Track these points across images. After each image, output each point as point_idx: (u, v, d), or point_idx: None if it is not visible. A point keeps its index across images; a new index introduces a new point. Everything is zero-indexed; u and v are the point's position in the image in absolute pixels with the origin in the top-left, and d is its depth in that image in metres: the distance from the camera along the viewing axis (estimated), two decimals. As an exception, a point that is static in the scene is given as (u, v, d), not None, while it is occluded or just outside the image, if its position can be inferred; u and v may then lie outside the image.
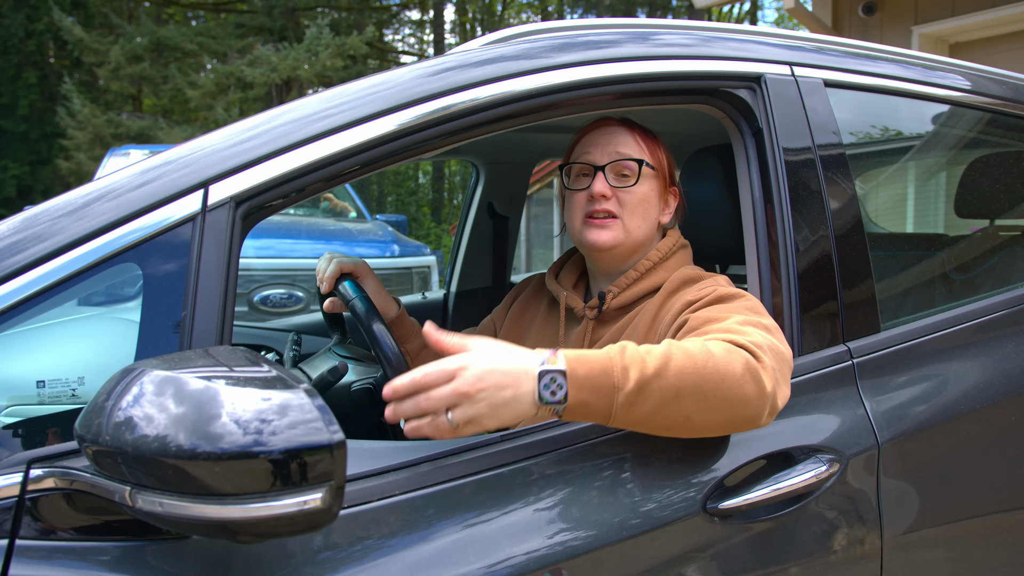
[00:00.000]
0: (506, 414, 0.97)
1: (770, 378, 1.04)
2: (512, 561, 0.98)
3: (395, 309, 1.53)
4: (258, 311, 4.71)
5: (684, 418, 1.02)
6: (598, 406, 0.99)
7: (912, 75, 1.56)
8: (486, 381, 0.95)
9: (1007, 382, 1.44)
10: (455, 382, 0.95)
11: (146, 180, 1.01)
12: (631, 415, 1.00)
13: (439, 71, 1.17)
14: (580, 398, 0.98)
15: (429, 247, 6.90)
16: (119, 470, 0.79)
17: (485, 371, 0.96)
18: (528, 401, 0.97)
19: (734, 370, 1.02)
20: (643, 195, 1.39)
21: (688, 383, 1.00)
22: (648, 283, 1.38)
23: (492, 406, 0.96)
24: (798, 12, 5.62)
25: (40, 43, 17.60)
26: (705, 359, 1.02)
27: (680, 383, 1.00)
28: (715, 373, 1.01)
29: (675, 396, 1.00)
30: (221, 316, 0.98)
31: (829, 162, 1.37)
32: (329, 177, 1.09)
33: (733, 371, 1.02)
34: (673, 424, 1.03)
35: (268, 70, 12.23)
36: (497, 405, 0.96)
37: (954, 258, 1.86)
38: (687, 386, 1.00)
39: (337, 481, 0.77)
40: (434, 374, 0.95)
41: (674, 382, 1.00)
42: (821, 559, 1.20)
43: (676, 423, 1.03)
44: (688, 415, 1.01)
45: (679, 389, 1.00)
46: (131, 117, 14.22)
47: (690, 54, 1.33)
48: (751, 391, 1.02)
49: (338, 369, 1.35)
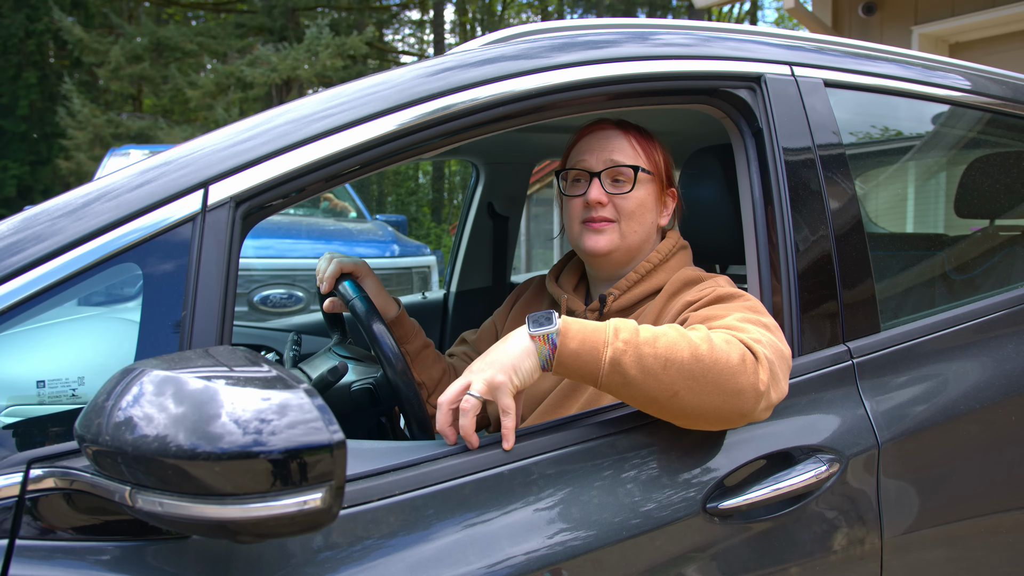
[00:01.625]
0: (509, 358, 1.07)
1: (766, 373, 1.05)
2: (512, 561, 0.98)
3: (395, 309, 1.53)
4: (258, 311, 4.71)
5: (672, 393, 1.04)
6: (586, 359, 1.05)
7: (912, 75, 1.56)
8: (484, 359, 1.09)
9: (1007, 382, 1.44)
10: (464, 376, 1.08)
11: (146, 180, 1.01)
12: (617, 374, 1.04)
13: (439, 71, 1.17)
14: (570, 348, 1.05)
15: (429, 247, 6.90)
16: (119, 470, 0.79)
17: (482, 357, 1.09)
18: (522, 337, 1.08)
19: (729, 359, 1.03)
20: (640, 200, 1.38)
21: (678, 357, 1.03)
22: (648, 285, 1.38)
23: (493, 362, 1.07)
24: (798, 12, 5.62)
25: (40, 43, 17.59)
26: (700, 342, 1.04)
27: (670, 355, 1.03)
28: (709, 356, 1.03)
29: (663, 367, 1.02)
30: (221, 316, 0.98)
31: (829, 162, 1.37)
32: (329, 177, 1.09)
33: (728, 359, 1.03)
34: (660, 396, 1.04)
35: (268, 70, 12.23)
36: (498, 358, 1.07)
37: (954, 258, 1.86)
38: (676, 359, 1.03)
39: (337, 481, 0.77)
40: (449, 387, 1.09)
41: (664, 352, 1.03)
42: (821, 559, 1.20)
43: (664, 396, 1.04)
44: (676, 391, 1.03)
45: (668, 360, 1.03)
46: (131, 117, 14.22)
47: (690, 54, 1.33)
48: (745, 383, 1.03)
49: (338, 369, 1.34)
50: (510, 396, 1.06)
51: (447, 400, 1.07)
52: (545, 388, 1.39)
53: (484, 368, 1.07)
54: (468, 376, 1.08)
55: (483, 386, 1.05)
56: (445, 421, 1.07)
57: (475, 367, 1.09)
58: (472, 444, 1.05)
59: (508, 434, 1.06)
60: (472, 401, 1.05)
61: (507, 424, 1.06)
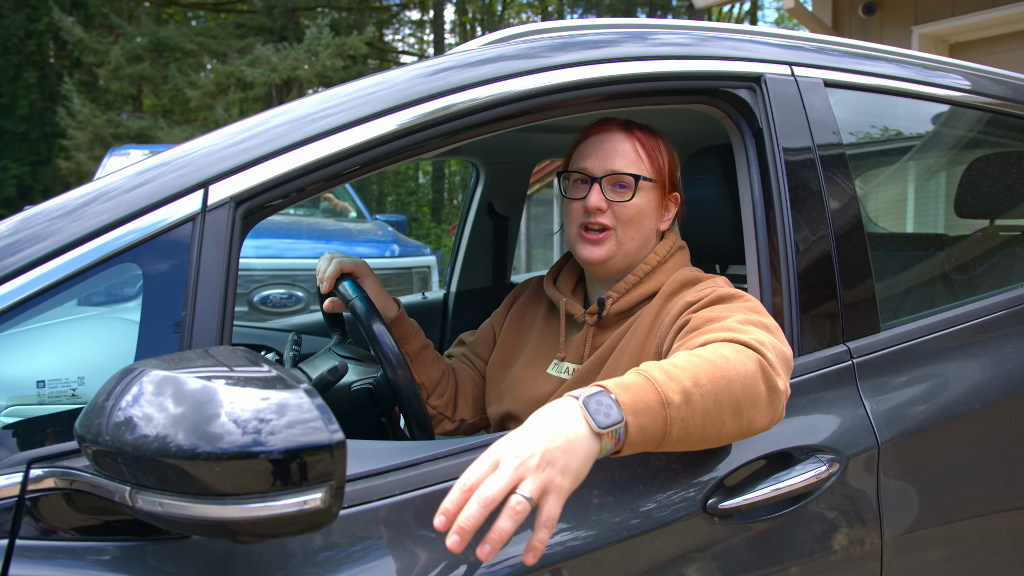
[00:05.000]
0: (573, 460, 0.87)
1: (781, 376, 1.05)
2: (512, 561, 0.98)
3: (395, 309, 1.53)
4: (258, 311, 4.71)
5: (721, 423, 0.99)
6: (653, 427, 0.93)
7: (912, 75, 1.56)
8: (530, 440, 0.87)
9: (1007, 382, 1.44)
10: (503, 462, 0.86)
11: (146, 180, 1.01)
12: (682, 430, 0.95)
13: (438, 71, 1.17)
14: (637, 423, 0.91)
15: (429, 247, 6.90)
16: (119, 470, 0.79)
17: (523, 434, 0.88)
18: (586, 432, 0.88)
19: (749, 370, 1.01)
20: (640, 208, 1.37)
21: (721, 388, 0.98)
22: (647, 287, 1.37)
23: (553, 459, 0.86)
24: (798, 12, 5.62)
25: (40, 43, 17.60)
26: (724, 364, 1.00)
27: (715, 388, 0.97)
28: (738, 375, 1.00)
29: (715, 402, 0.97)
30: (221, 316, 0.98)
31: (829, 162, 1.37)
32: (329, 177, 1.09)
33: (749, 371, 1.01)
34: (711, 433, 0.98)
35: (268, 70, 12.23)
36: (557, 455, 0.86)
37: (954, 258, 1.86)
38: (721, 391, 0.98)
39: (337, 481, 0.77)
40: (474, 468, 0.87)
41: (711, 388, 0.97)
42: (821, 559, 1.20)
43: (714, 431, 0.99)
44: (724, 420, 0.99)
45: (716, 395, 0.97)
46: (131, 117, 14.22)
47: (690, 54, 1.33)
48: (765, 388, 1.02)
49: (338, 369, 1.34)
50: (561, 505, 0.86)
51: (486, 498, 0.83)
52: (547, 391, 1.39)
53: (539, 464, 0.85)
54: (513, 464, 0.85)
55: (537, 489, 0.84)
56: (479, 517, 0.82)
57: (520, 449, 0.86)
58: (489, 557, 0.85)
59: (538, 548, 0.86)
60: (526, 507, 0.83)
61: (542, 537, 0.85)
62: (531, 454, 0.85)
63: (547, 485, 0.85)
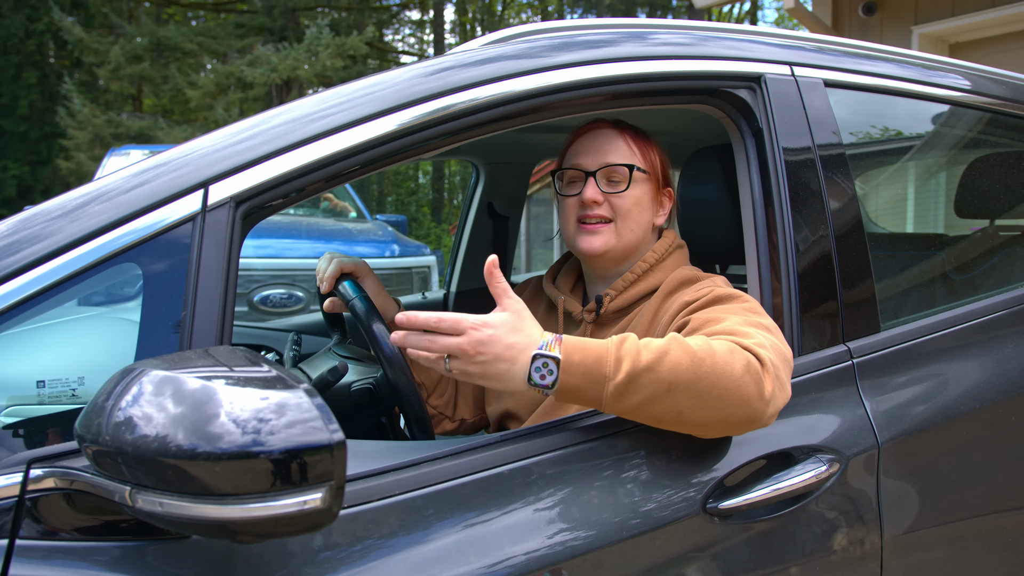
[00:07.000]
0: (495, 383, 1.05)
1: (770, 381, 1.04)
2: (512, 561, 0.98)
3: (395, 309, 1.53)
4: (258, 311, 4.71)
5: (676, 412, 1.03)
6: (588, 393, 1.03)
7: (912, 75, 1.56)
8: (488, 349, 1.03)
9: (1007, 382, 1.44)
10: (462, 338, 1.03)
11: (146, 180, 1.01)
12: (621, 404, 1.03)
13: (438, 71, 1.17)
14: (571, 383, 1.03)
15: (429, 247, 6.90)
16: (119, 470, 0.79)
17: (491, 338, 1.03)
18: (519, 378, 1.04)
19: (733, 370, 1.02)
20: (635, 199, 1.38)
21: (681, 379, 1.01)
22: (645, 285, 1.37)
23: (485, 371, 1.04)
24: (798, 12, 5.62)
25: (40, 43, 17.60)
26: (704, 357, 1.02)
27: (673, 378, 1.01)
28: (712, 372, 1.02)
29: (667, 391, 1.01)
30: (221, 316, 0.98)
31: (829, 162, 1.37)
32: (329, 177, 1.09)
33: (732, 371, 1.02)
34: (665, 418, 1.05)
35: (268, 70, 12.22)
36: (490, 373, 1.04)
37: (954, 258, 1.86)
38: (680, 382, 1.01)
39: (337, 481, 0.77)
40: (448, 322, 1.03)
41: (667, 376, 1.01)
42: (821, 559, 1.20)
43: (668, 417, 1.04)
44: (680, 410, 1.03)
45: (671, 384, 1.01)
46: (131, 117, 14.22)
47: (690, 54, 1.33)
48: (750, 392, 1.02)
49: (338, 369, 1.34)
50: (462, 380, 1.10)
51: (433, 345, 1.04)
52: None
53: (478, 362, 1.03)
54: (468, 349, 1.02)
55: (458, 372, 1.05)
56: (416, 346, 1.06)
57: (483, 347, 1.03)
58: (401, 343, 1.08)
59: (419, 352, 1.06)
60: (441, 368, 1.05)
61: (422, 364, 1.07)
62: (479, 353, 1.03)
63: (467, 373, 1.04)
